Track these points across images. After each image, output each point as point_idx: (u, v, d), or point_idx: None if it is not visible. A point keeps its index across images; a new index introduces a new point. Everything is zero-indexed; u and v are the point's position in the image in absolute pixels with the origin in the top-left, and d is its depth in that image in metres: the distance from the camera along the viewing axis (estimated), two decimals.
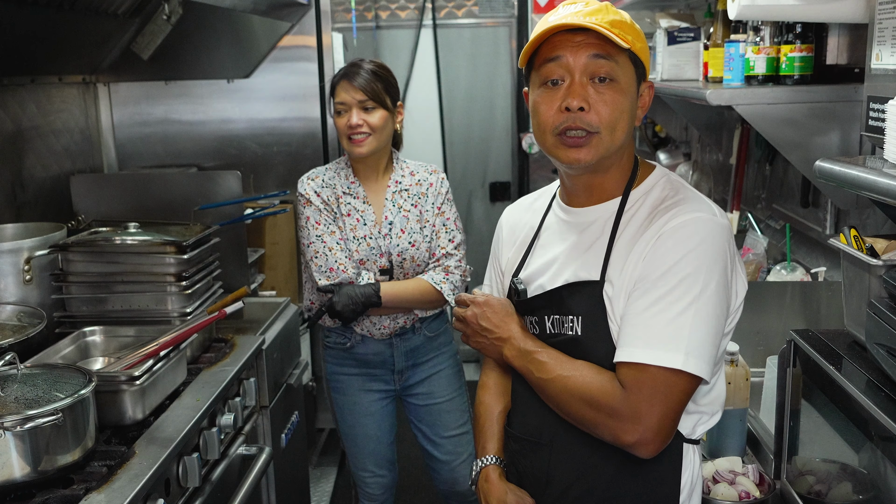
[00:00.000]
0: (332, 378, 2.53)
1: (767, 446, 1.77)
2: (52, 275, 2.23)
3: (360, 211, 2.39)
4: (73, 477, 1.60)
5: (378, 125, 2.33)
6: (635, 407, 1.31)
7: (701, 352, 1.32)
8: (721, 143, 3.28)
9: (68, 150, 3.06)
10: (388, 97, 2.36)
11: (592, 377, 1.38)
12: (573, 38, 1.38)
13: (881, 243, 1.51)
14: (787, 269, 2.50)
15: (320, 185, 2.40)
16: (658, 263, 1.34)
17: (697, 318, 1.31)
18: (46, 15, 2.38)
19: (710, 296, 1.32)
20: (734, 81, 2.26)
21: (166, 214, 2.65)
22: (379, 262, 2.38)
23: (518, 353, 1.49)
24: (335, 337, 2.49)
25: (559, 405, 1.42)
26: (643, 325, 1.33)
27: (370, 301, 2.30)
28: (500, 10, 5.04)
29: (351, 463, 2.59)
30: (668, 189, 1.44)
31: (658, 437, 1.33)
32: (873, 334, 1.41)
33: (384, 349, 2.47)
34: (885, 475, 1.34)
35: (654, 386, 1.31)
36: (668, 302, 1.32)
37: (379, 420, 2.53)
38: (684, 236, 1.34)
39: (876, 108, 1.64)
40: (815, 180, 2.10)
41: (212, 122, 3.57)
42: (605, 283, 1.40)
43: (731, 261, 1.37)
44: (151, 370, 1.85)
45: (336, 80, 2.38)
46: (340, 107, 2.34)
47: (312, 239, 2.37)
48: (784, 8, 1.95)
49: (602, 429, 1.36)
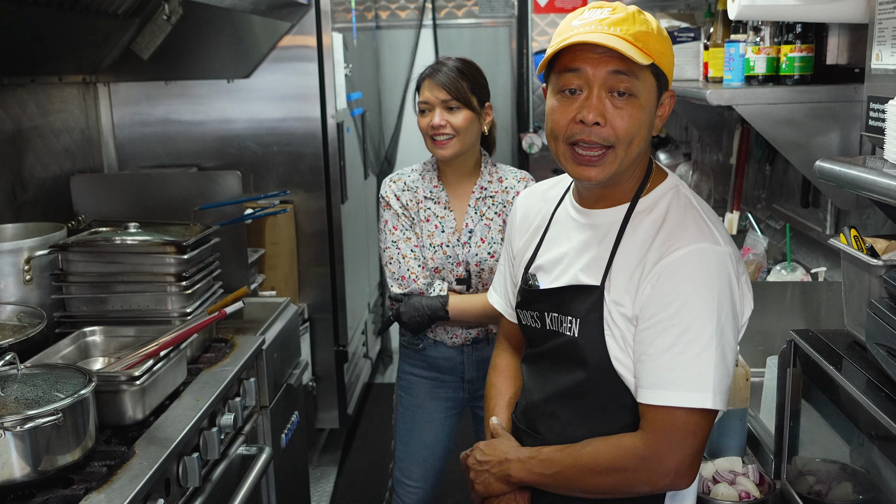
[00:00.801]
0: (402, 376, 2.48)
1: (767, 446, 1.77)
2: (52, 275, 2.23)
3: (440, 217, 2.31)
4: (73, 477, 1.60)
5: (462, 126, 2.24)
6: (664, 450, 1.34)
7: (723, 386, 1.35)
8: (721, 143, 3.28)
9: (68, 150, 3.06)
10: (473, 97, 2.26)
11: (603, 445, 1.41)
12: (594, 49, 1.35)
13: (881, 243, 1.51)
14: (788, 269, 2.50)
15: (402, 187, 2.34)
16: (669, 299, 1.34)
17: (718, 353, 1.33)
18: (46, 15, 2.38)
19: (725, 328, 1.35)
20: (734, 81, 2.26)
21: (166, 214, 2.65)
22: (455, 272, 2.31)
23: (522, 465, 1.49)
24: (409, 336, 2.43)
25: (586, 488, 1.43)
26: (667, 366, 1.34)
27: (436, 314, 2.25)
28: (500, 10, 5.04)
29: (396, 468, 2.50)
30: (675, 206, 1.43)
31: (692, 471, 1.37)
32: (873, 334, 1.41)
33: (455, 355, 2.39)
34: (885, 475, 1.34)
35: (685, 427, 1.34)
36: (688, 340, 1.33)
37: (438, 429, 2.44)
38: (691, 271, 1.34)
39: (876, 108, 1.64)
40: (815, 180, 2.10)
41: (212, 122, 3.56)
42: (604, 290, 1.41)
43: (737, 286, 1.38)
44: (151, 370, 1.85)
45: (421, 78, 2.30)
46: (423, 106, 2.26)
47: (388, 244, 2.32)
48: (784, 8, 1.95)
49: (638, 485, 1.38)
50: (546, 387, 1.52)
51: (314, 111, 3.54)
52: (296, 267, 3.59)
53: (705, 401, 1.32)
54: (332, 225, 3.64)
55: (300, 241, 3.61)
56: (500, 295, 1.76)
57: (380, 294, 5.00)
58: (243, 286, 2.60)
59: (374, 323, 4.81)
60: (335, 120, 3.55)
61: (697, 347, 1.32)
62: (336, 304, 3.70)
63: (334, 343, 3.73)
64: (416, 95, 2.33)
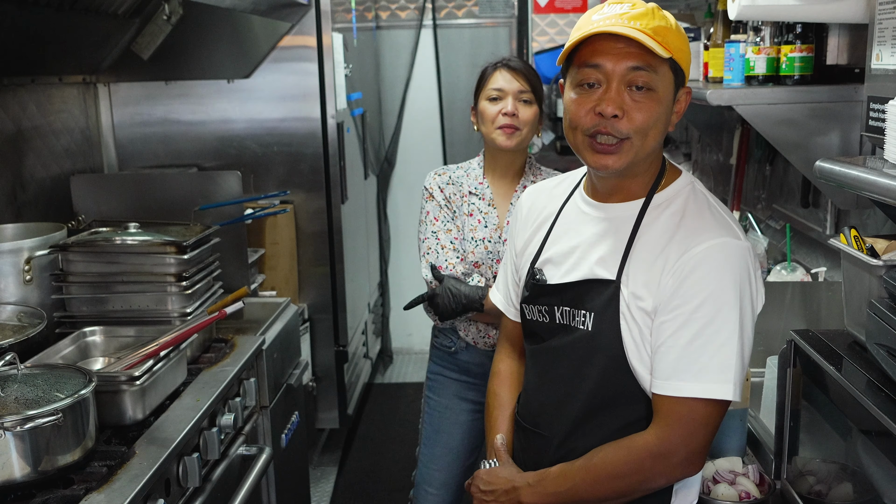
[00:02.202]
0: (431, 377, 2.45)
1: (768, 446, 1.77)
2: (52, 275, 2.23)
3: (483, 213, 2.29)
4: (73, 477, 1.60)
5: (530, 120, 2.23)
6: (678, 441, 1.36)
7: (741, 378, 1.36)
8: (721, 143, 3.28)
9: (68, 150, 3.06)
10: (542, 95, 2.26)
11: (615, 449, 1.42)
12: (615, 44, 1.36)
13: (881, 243, 1.51)
14: (788, 269, 2.50)
15: (446, 181, 2.32)
16: (693, 292, 1.35)
17: (739, 346, 1.35)
18: (46, 15, 2.38)
19: (746, 321, 1.36)
20: (734, 81, 2.26)
21: (166, 214, 2.65)
22: (494, 268, 2.27)
23: (532, 490, 1.48)
24: (442, 339, 2.40)
25: (604, 496, 1.43)
26: (689, 358, 1.35)
27: (472, 304, 2.19)
28: (500, 10, 5.04)
29: (418, 474, 2.46)
30: (692, 202, 1.44)
31: (703, 458, 1.39)
32: (873, 334, 1.41)
33: (487, 361, 2.30)
34: (885, 475, 1.34)
35: (701, 419, 1.36)
36: (711, 333, 1.34)
37: (465, 433, 2.41)
38: (716, 264, 1.35)
39: (876, 109, 1.64)
40: (815, 180, 2.10)
41: (212, 123, 3.56)
42: (621, 283, 1.41)
43: (755, 280, 1.39)
44: (151, 370, 1.85)
45: (493, 68, 2.26)
46: (497, 93, 2.22)
47: (428, 234, 2.30)
48: (784, 8, 1.95)
49: (655, 481, 1.40)
50: (554, 383, 1.51)
51: (314, 111, 3.54)
52: (296, 267, 3.59)
53: (727, 392, 1.34)
54: (332, 225, 3.64)
55: (300, 242, 3.61)
56: (502, 293, 1.75)
57: (380, 294, 5.00)
58: (243, 286, 2.60)
59: (374, 323, 4.82)
60: (335, 120, 3.55)
61: (721, 340, 1.34)
62: (336, 304, 3.70)
63: (334, 343, 3.73)
64: (476, 89, 2.28)
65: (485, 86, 2.26)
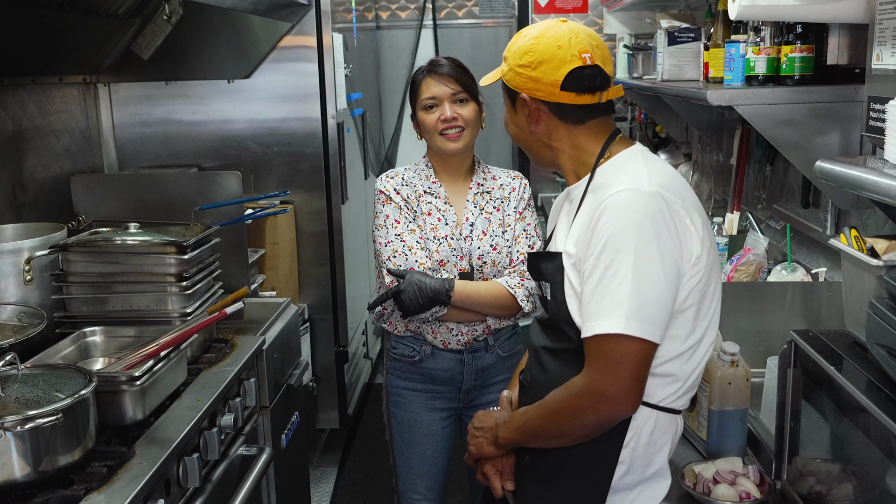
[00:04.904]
0: (393, 392, 2.38)
1: (768, 447, 1.77)
2: (52, 275, 2.23)
3: (442, 211, 2.27)
4: (73, 477, 1.60)
5: (471, 118, 2.24)
6: (600, 378, 1.44)
7: (643, 314, 1.41)
8: (721, 143, 3.28)
9: (68, 151, 3.06)
10: (476, 90, 2.25)
11: (558, 389, 1.53)
12: None
13: (881, 244, 1.51)
14: (788, 269, 2.50)
15: (400, 182, 2.29)
16: (596, 240, 1.45)
17: (636, 284, 1.41)
18: (46, 15, 2.38)
19: (649, 260, 1.42)
20: (735, 82, 2.27)
21: (166, 214, 2.65)
22: (459, 265, 2.25)
23: (506, 426, 1.66)
24: (403, 349, 2.33)
25: (550, 433, 1.56)
26: (592, 301, 1.45)
27: (438, 297, 2.14)
28: (500, 10, 5.05)
29: (400, 483, 2.44)
30: (618, 164, 1.55)
31: (631, 396, 1.44)
32: (874, 334, 1.41)
33: (454, 365, 2.31)
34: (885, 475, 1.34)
35: (613, 355, 1.42)
36: (609, 275, 1.43)
37: (438, 441, 2.38)
38: (615, 212, 1.44)
39: (876, 109, 1.64)
40: (815, 181, 2.10)
41: (212, 123, 3.56)
42: (563, 253, 1.56)
43: (671, 222, 1.44)
44: (152, 370, 1.85)
45: (420, 76, 2.26)
46: (430, 101, 2.22)
47: (391, 238, 2.24)
48: (784, 8, 1.95)
49: (586, 416, 1.47)
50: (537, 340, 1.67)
51: (314, 111, 3.54)
52: (296, 267, 3.59)
53: (617, 326, 1.40)
54: (332, 225, 3.64)
55: (300, 242, 3.61)
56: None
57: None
58: (243, 286, 2.60)
59: (374, 323, 4.80)
60: (335, 120, 3.55)
61: (617, 280, 1.42)
62: (336, 304, 3.70)
63: (334, 343, 3.73)
64: (411, 99, 2.30)
65: (418, 95, 2.27)
